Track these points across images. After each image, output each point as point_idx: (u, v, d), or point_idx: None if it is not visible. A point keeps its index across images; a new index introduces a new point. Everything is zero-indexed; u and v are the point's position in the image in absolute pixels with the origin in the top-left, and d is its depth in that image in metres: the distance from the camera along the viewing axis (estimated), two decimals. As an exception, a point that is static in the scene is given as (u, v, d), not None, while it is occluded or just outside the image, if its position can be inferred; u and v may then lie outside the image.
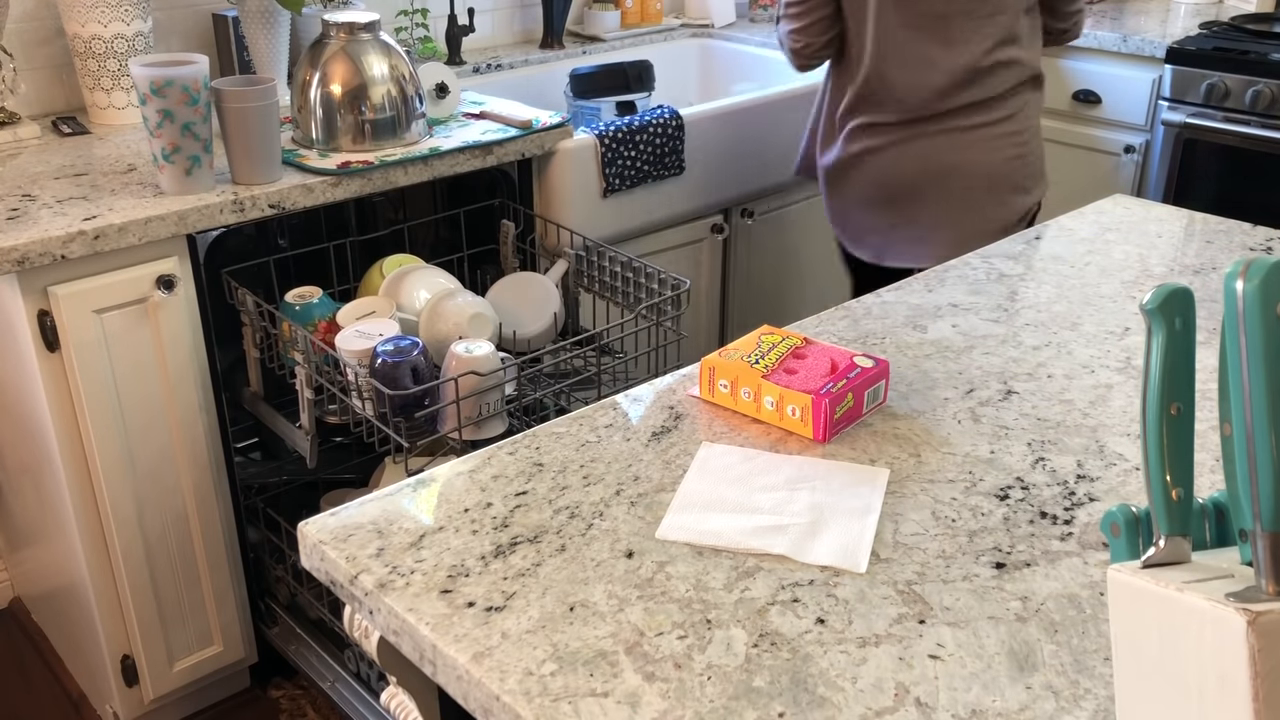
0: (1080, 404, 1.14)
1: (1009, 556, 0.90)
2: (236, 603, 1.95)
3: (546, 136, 2.06)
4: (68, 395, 1.67)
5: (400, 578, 0.87)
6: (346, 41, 1.90)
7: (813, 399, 1.06)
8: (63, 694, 2.13)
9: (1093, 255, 1.51)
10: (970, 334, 1.29)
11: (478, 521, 0.94)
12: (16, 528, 2.17)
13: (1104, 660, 0.79)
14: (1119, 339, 1.28)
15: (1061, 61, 3.05)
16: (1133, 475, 1.01)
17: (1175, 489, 0.65)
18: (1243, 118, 2.71)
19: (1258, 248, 1.54)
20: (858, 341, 1.27)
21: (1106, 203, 1.72)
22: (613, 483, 1.00)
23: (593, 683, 0.76)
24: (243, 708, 2.07)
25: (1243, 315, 0.60)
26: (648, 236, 2.31)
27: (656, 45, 2.92)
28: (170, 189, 1.71)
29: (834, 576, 0.88)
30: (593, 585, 0.86)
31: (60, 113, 2.15)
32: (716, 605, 0.84)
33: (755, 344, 1.16)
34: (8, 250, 1.54)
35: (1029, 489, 1.00)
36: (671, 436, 1.08)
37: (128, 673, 1.88)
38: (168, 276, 1.69)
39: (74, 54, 2.04)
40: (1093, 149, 3.05)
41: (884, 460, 1.04)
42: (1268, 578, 0.61)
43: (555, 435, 1.08)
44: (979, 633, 0.82)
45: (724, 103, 2.36)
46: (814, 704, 0.75)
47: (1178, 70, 2.79)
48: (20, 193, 1.73)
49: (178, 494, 1.81)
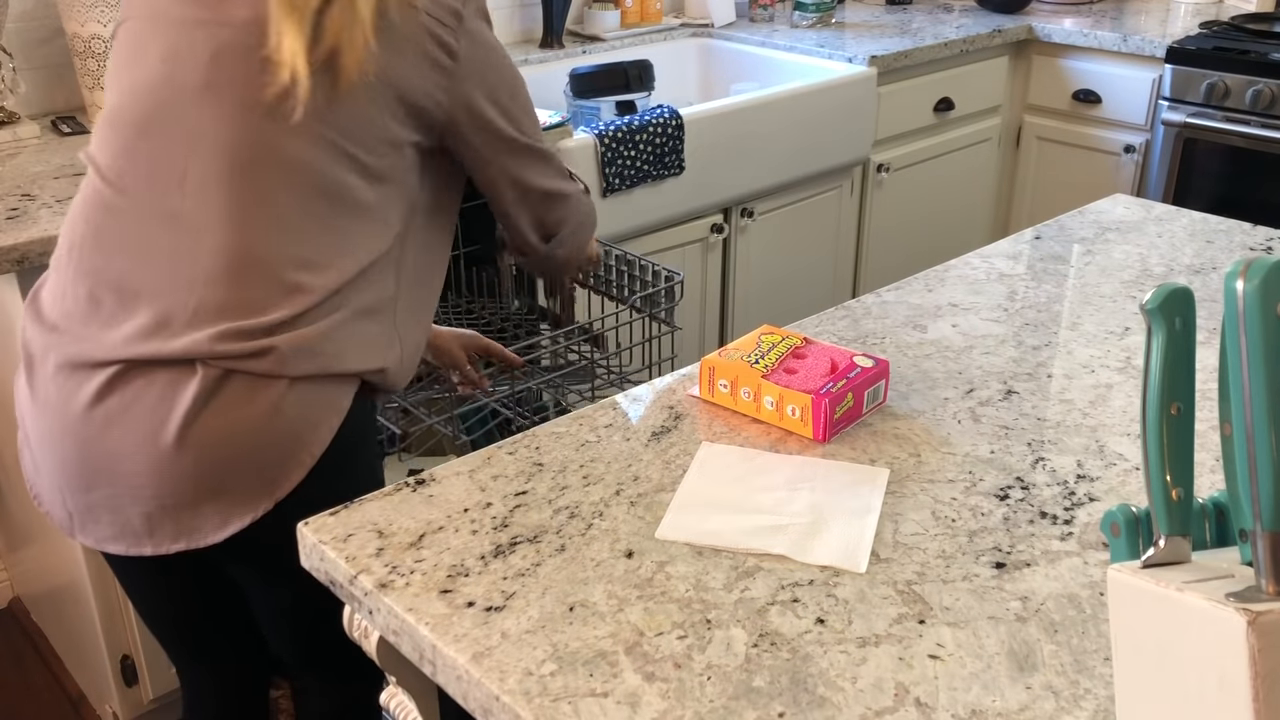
0: (1080, 404, 1.14)
1: (1009, 556, 0.90)
2: (236, 602, 1.95)
3: (546, 136, 2.06)
4: (67, 395, 1.67)
5: (400, 578, 0.87)
6: (346, 41, 1.89)
7: (813, 399, 1.06)
8: (62, 694, 2.13)
9: (1093, 255, 1.51)
10: (970, 334, 1.29)
11: (477, 521, 0.94)
12: (16, 528, 2.17)
13: (1104, 660, 0.79)
14: (1119, 339, 1.28)
15: (1062, 61, 3.05)
16: (1133, 475, 1.01)
17: (1175, 489, 0.65)
18: (1243, 117, 2.71)
19: (1258, 248, 1.54)
20: (858, 341, 1.27)
21: (1106, 203, 1.72)
22: (612, 483, 1.00)
23: (592, 683, 0.76)
24: (242, 707, 2.07)
25: (1243, 315, 0.60)
26: (648, 236, 2.30)
27: (656, 45, 2.92)
28: (170, 189, 1.71)
29: (834, 576, 0.88)
30: (592, 585, 0.86)
31: (60, 112, 2.15)
32: (716, 605, 0.84)
33: (755, 344, 1.16)
34: (7, 250, 1.54)
35: (1029, 489, 1.00)
36: (671, 436, 1.08)
37: (127, 673, 1.88)
38: (167, 276, 1.69)
39: (74, 53, 2.04)
40: (1093, 149, 3.05)
41: (884, 460, 1.04)
42: (1268, 578, 0.60)
43: (555, 435, 1.08)
44: (979, 633, 0.82)
45: (724, 102, 2.36)
46: (814, 704, 0.75)
47: (1178, 70, 2.79)
48: (20, 192, 1.73)
49: (177, 494, 1.81)
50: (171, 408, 1.10)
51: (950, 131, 3.01)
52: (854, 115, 2.63)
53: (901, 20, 3.11)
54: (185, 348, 1.10)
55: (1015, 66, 3.14)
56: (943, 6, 3.33)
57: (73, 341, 1.14)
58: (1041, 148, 3.17)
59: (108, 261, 1.14)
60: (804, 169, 2.56)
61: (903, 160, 2.89)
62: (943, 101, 2.94)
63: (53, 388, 1.15)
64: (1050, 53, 3.07)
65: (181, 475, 1.11)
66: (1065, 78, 3.05)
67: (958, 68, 2.96)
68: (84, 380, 1.13)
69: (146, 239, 1.13)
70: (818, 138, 2.56)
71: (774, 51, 2.87)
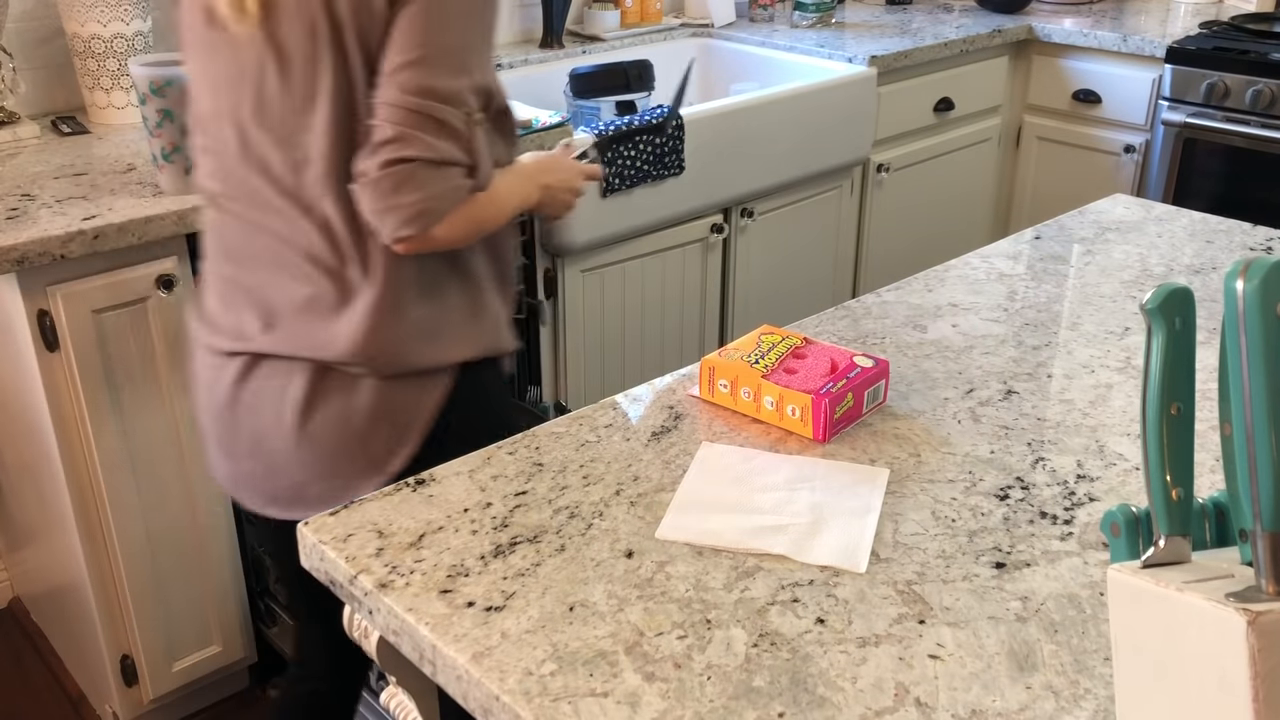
0: (1080, 404, 1.14)
1: (1009, 556, 0.90)
2: (236, 602, 1.95)
3: (546, 136, 2.06)
4: (67, 395, 1.67)
5: (400, 578, 0.87)
6: (346, 41, 1.90)
7: (813, 399, 1.06)
8: (62, 694, 2.13)
9: (1093, 255, 1.51)
10: (970, 334, 1.29)
11: (477, 521, 0.94)
12: (16, 527, 2.17)
13: (1104, 660, 0.79)
14: (1119, 339, 1.28)
15: (1062, 61, 3.05)
16: (1133, 475, 1.01)
17: (1175, 489, 0.65)
18: (1243, 117, 2.71)
19: (1258, 248, 1.54)
20: (858, 341, 1.27)
21: (1106, 203, 1.72)
22: (612, 483, 1.00)
23: (592, 683, 0.76)
24: (242, 708, 2.07)
25: (1243, 315, 0.60)
26: (648, 236, 2.30)
27: (656, 45, 2.91)
28: (170, 189, 1.71)
29: (834, 576, 0.88)
30: (592, 585, 0.86)
31: (60, 112, 2.15)
32: (716, 605, 0.84)
33: (755, 344, 1.16)
34: (7, 250, 1.54)
35: (1029, 489, 1.00)
36: (671, 436, 1.08)
37: (127, 672, 1.88)
38: (167, 276, 1.69)
39: (73, 53, 2.04)
40: (1093, 149, 3.05)
41: (884, 460, 1.04)
42: (1268, 578, 0.60)
43: (555, 435, 1.08)
44: (979, 633, 0.82)
45: (724, 103, 2.36)
46: (814, 704, 0.75)
47: (1178, 70, 2.79)
48: (20, 192, 1.73)
49: (177, 493, 1.81)
50: (286, 399, 1.22)
51: (950, 131, 3.01)
52: (854, 115, 2.63)
53: (901, 20, 3.11)
54: (289, 345, 1.22)
55: (1015, 66, 3.14)
56: (943, 6, 3.33)
57: (211, 332, 1.27)
58: (1041, 148, 3.17)
59: (229, 260, 1.26)
60: (804, 169, 2.56)
61: (903, 160, 2.89)
62: (943, 101, 2.94)
63: (204, 370, 1.29)
64: (1050, 53, 3.07)
65: (302, 461, 1.23)
66: (1065, 78, 3.05)
67: (958, 68, 2.95)
68: (223, 367, 1.26)
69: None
70: (818, 138, 2.56)
71: (774, 51, 2.87)
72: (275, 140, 1.17)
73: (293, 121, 1.16)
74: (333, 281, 1.19)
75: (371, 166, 1.12)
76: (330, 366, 1.21)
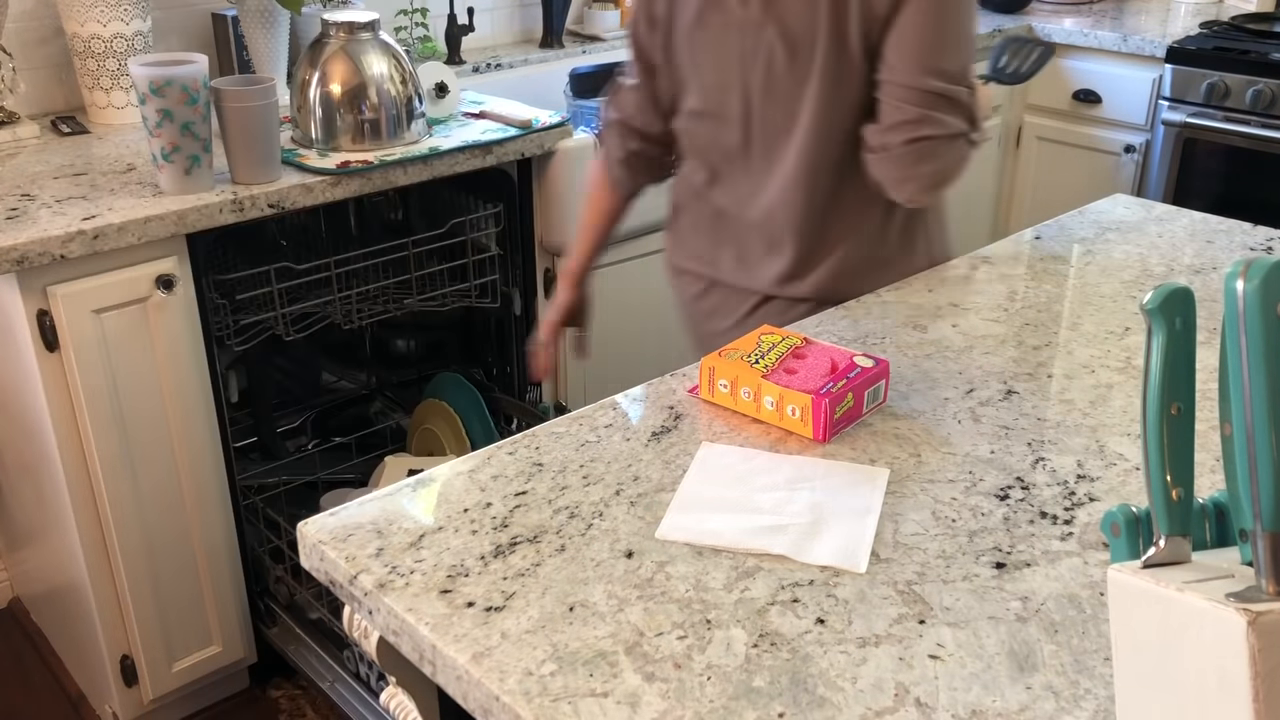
0: (1080, 404, 1.14)
1: (1009, 556, 0.90)
2: (236, 603, 1.95)
3: (546, 136, 2.06)
4: (67, 395, 1.67)
5: (400, 578, 0.87)
6: (346, 41, 1.90)
7: (813, 399, 1.06)
8: (62, 694, 2.13)
9: (1093, 255, 1.51)
10: (970, 334, 1.29)
11: (477, 521, 0.94)
12: (16, 528, 2.17)
13: (1104, 660, 0.79)
14: (1119, 339, 1.28)
15: (1062, 61, 3.05)
16: (1133, 475, 1.01)
17: (1175, 489, 0.65)
18: (1243, 117, 2.71)
19: (1258, 248, 1.54)
20: (858, 341, 1.27)
21: (1106, 203, 1.72)
22: (612, 483, 1.00)
23: (592, 683, 0.76)
24: (242, 708, 2.07)
25: (1243, 315, 0.60)
26: (648, 236, 2.30)
27: (656, 45, 2.91)
28: (170, 189, 1.71)
29: (834, 576, 0.88)
30: (592, 585, 0.86)
31: (60, 112, 2.15)
32: (716, 605, 0.84)
33: (755, 344, 1.16)
34: (7, 250, 1.54)
35: (1029, 489, 1.00)
36: (671, 436, 1.08)
37: (127, 673, 1.88)
38: (167, 276, 1.69)
39: (73, 53, 2.04)
40: (1093, 149, 3.05)
41: (884, 460, 1.04)
42: (1268, 578, 0.60)
43: (555, 435, 1.08)
44: (979, 633, 0.82)
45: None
46: (814, 704, 0.75)
47: (1178, 70, 2.79)
48: (19, 192, 1.73)
49: (177, 494, 1.81)
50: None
51: (950, 131, 3.01)
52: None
53: (901, 20, 3.11)
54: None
55: (1015, 66, 3.14)
56: (943, 6, 3.32)
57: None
58: (1041, 148, 3.17)
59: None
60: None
61: (903, 160, 2.88)
62: (943, 101, 2.93)
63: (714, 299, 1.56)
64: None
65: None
66: (1065, 77, 3.05)
67: (958, 68, 2.95)
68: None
69: None
70: (818, 138, 2.55)
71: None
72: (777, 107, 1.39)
73: (795, 92, 1.37)
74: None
75: (894, 141, 1.31)
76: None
